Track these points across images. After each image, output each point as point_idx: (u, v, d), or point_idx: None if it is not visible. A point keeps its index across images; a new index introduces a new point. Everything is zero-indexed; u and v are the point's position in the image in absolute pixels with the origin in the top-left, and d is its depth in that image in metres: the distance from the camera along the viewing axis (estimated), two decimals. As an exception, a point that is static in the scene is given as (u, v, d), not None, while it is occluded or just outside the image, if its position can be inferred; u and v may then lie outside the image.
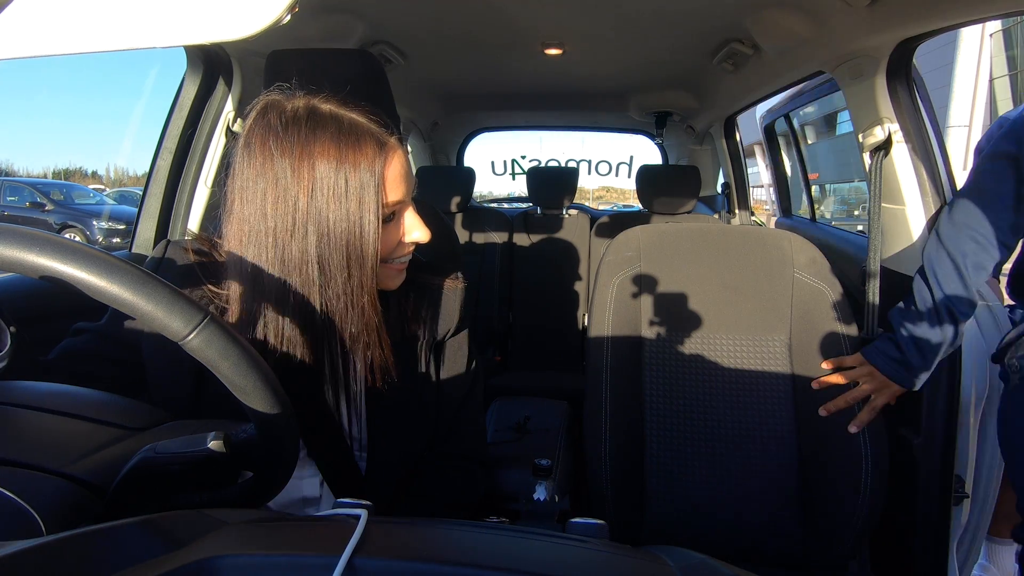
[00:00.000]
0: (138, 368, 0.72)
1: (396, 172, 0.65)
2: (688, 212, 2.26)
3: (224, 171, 1.08)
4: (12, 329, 0.52)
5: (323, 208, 0.61)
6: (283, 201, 0.61)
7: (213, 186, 1.36)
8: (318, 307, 0.63)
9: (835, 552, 1.00)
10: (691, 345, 1.10)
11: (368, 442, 0.75)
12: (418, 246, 0.73)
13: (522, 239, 2.54)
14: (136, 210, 1.38)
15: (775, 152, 2.51)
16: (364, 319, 0.65)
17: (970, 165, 1.22)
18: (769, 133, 2.48)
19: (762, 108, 2.31)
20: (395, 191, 0.65)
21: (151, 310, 0.37)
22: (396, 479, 0.77)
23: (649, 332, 1.10)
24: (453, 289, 0.80)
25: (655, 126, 2.65)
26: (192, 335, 0.38)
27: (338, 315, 0.64)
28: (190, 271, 0.75)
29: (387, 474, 0.76)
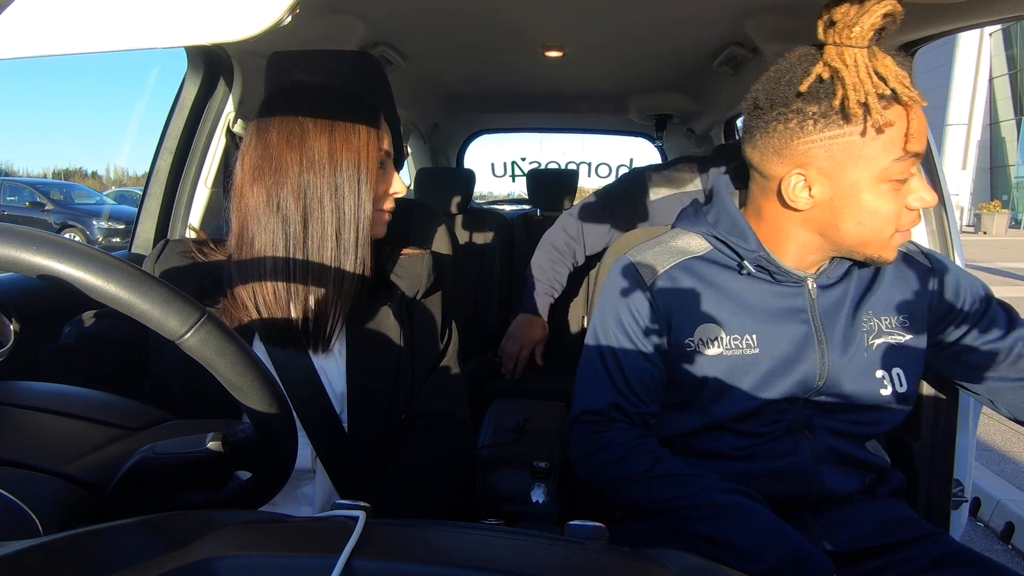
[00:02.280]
0: (141, 347, 0.76)
1: (384, 128, 0.80)
2: (688, 214, 2.26)
3: (225, 171, 1.15)
4: (15, 325, 0.52)
5: (337, 151, 0.74)
6: (302, 142, 0.73)
7: (213, 186, 1.36)
8: (329, 255, 0.75)
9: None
10: (690, 347, 1.10)
11: (348, 398, 0.79)
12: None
13: (522, 241, 2.54)
14: (135, 210, 1.38)
15: None
16: (363, 259, 0.77)
17: (969, 164, 1.24)
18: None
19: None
20: (384, 142, 0.80)
21: (147, 309, 0.37)
22: (378, 437, 0.80)
23: (648, 334, 1.10)
24: (420, 256, 0.88)
25: (655, 129, 2.65)
26: (188, 334, 0.38)
27: (341, 258, 0.75)
28: (190, 269, 0.77)
29: (369, 431, 0.79)
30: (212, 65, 1.30)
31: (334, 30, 1.41)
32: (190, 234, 1.34)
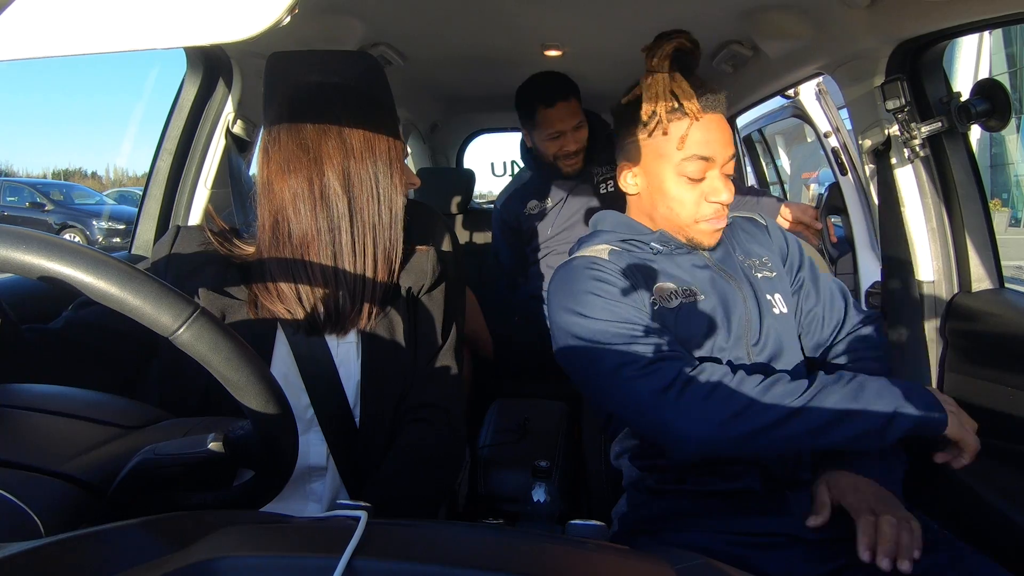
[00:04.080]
0: (144, 346, 0.75)
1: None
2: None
3: (229, 172, 1.16)
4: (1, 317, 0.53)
5: (372, 141, 0.78)
6: (339, 134, 0.76)
7: (213, 187, 1.36)
8: (371, 241, 0.78)
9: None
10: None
11: (362, 390, 0.80)
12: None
13: (522, 240, 2.53)
14: (135, 210, 1.38)
15: (754, 157, 2.99)
16: (397, 244, 0.81)
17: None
18: (747, 142, 2.84)
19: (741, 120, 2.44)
20: (402, 135, 0.83)
21: (139, 305, 0.37)
22: (387, 433, 0.81)
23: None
24: (424, 252, 0.89)
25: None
26: (181, 329, 0.38)
27: (381, 243, 0.79)
28: (210, 257, 0.77)
29: (379, 426, 0.80)
30: (211, 66, 1.30)
31: (334, 30, 1.41)
32: (195, 220, 1.34)
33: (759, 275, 0.95)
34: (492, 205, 3.38)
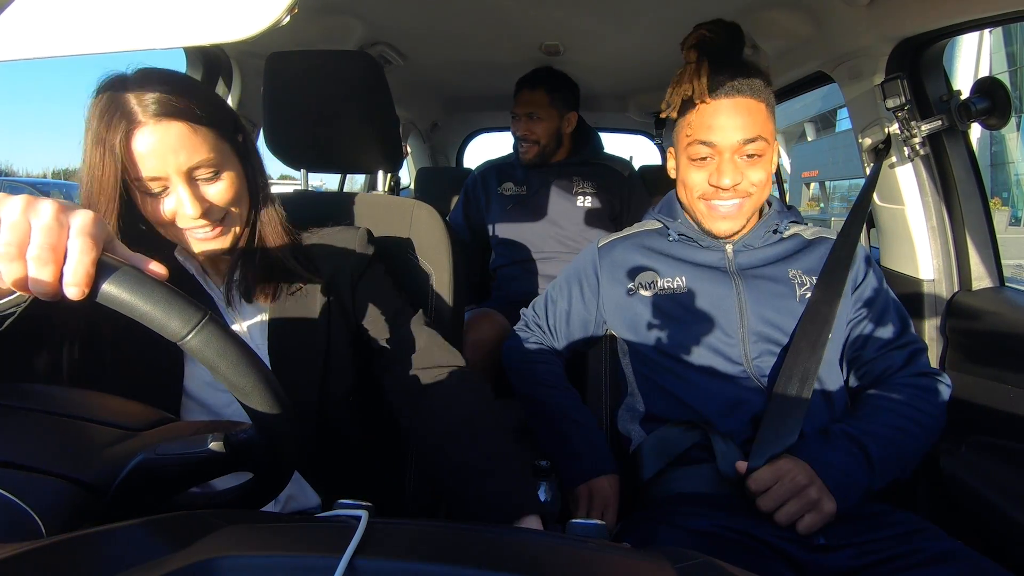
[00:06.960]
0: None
1: (142, 149, 0.67)
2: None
3: None
4: None
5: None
6: None
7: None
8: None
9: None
10: (691, 345, 1.10)
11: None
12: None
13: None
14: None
15: None
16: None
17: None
18: None
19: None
20: (144, 167, 0.68)
21: (148, 310, 0.37)
22: (314, 417, 0.79)
23: (649, 332, 1.10)
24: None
25: (655, 126, 2.65)
26: (190, 335, 0.38)
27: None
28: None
29: (303, 411, 0.77)
30: (211, 66, 1.30)
31: (333, 30, 1.41)
32: None
33: (802, 291, 0.92)
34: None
